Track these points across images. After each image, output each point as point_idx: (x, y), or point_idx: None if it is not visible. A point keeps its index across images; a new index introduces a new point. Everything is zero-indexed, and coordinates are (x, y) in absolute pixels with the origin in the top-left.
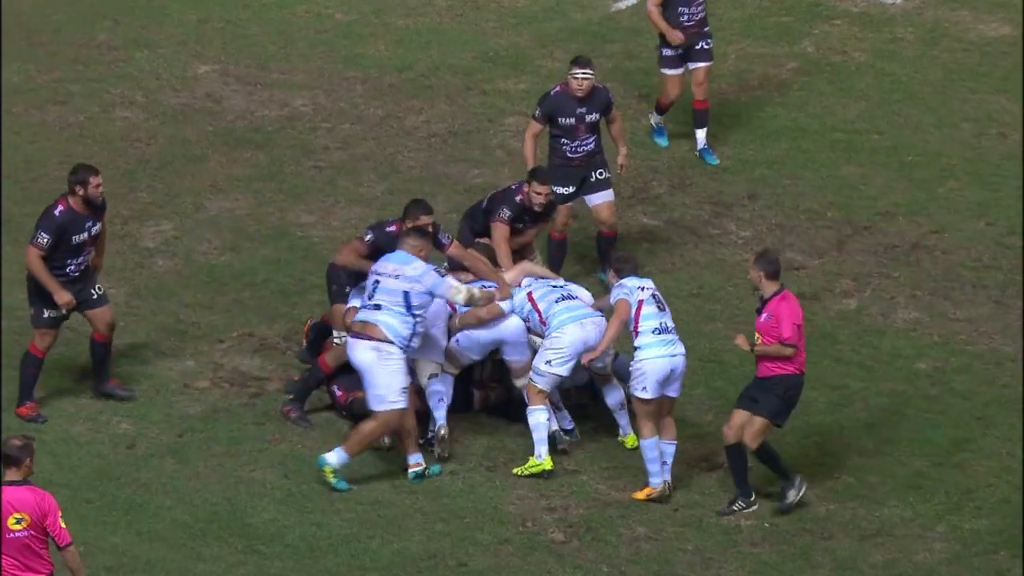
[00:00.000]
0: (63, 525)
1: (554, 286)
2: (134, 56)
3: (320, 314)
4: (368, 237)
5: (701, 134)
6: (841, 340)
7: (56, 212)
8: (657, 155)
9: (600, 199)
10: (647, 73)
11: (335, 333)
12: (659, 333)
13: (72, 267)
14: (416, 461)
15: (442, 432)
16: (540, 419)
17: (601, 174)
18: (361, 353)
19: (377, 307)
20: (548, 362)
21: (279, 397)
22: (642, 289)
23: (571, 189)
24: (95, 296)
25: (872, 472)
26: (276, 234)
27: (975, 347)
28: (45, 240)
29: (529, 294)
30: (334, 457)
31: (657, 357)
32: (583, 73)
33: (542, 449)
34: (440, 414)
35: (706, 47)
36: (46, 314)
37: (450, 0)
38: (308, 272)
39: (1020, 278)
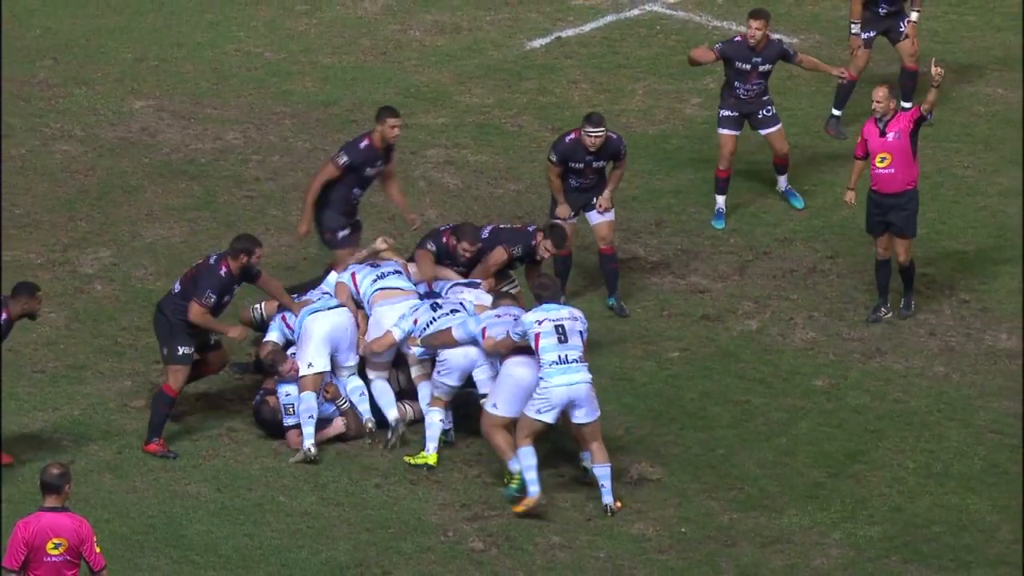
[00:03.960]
0: (98, 550)
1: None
2: (73, 92)
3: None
4: (343, 160)
5: (782, 179)
6: (743, 359)
7: (222, 273)
8: None
9: (600, 218)
10: (559, 107)
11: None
12: (559, 363)
13: None
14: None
15: (370, 426)
16: (434, 419)
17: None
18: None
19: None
20: (438, 372)
21: (213, 415)
22: (539, 323)
23: (573, 213)
24: (212, 342)
25: (772, 482)
26: None
27: (868, 365)
28: (213, 300)
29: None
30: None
31: (556, 386)
32: (596, 132)
33: (431, 445)
34: (364, 408)
35: (768, 113)
36: (181, 351)
37: (374, 39)
38: (239, 296)
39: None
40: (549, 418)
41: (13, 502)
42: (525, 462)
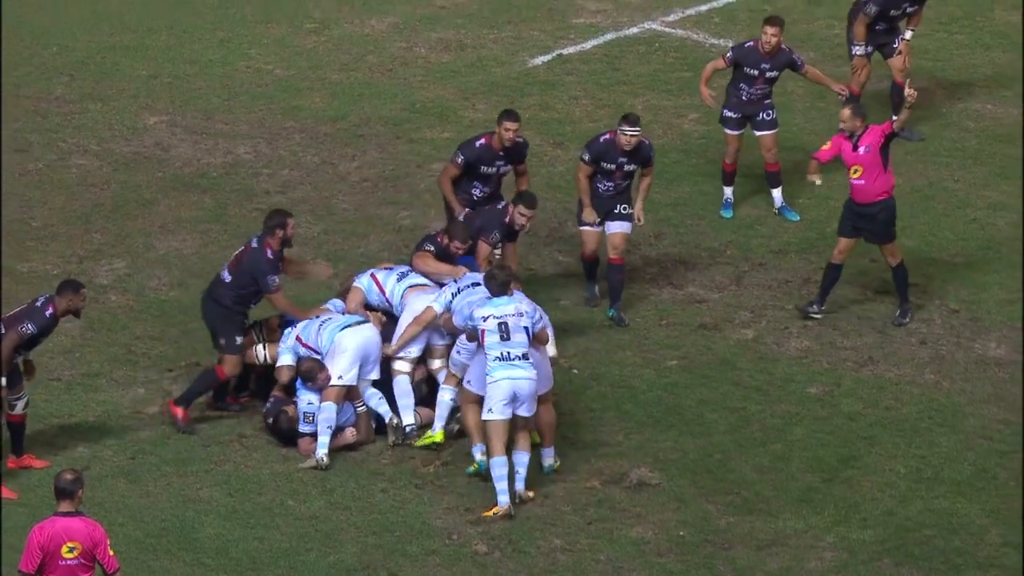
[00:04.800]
0: (112, 553)
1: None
2: (88, 108)
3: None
4: (459, 158)
5: (776, 193)
6: (739, 367)
7: (270, 255)
8: (571, 198)
9: (617, 228)
10: (561, 123)
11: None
12: (502, 360)
13: (253, 303)
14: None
15: (395, 421)
16: (445, 398)
17: (625, 208)
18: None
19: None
20: (458, 352)
21: (224, 422)
22: (485, 319)
23: (598, 219)
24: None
25: (768, 487)
26: None
27: (860, 373)
28: (278, 281)
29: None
30: (549, 458)
31: (501, 379)
32: (632, 131)
33: (439, 424)
34: (384, 409)
35: (767, 118)
36: (239, 341)
37: (380, 57)
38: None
39: (902, 307)
40: (500, 414)
41: (30, 506)
42: (496, 472)
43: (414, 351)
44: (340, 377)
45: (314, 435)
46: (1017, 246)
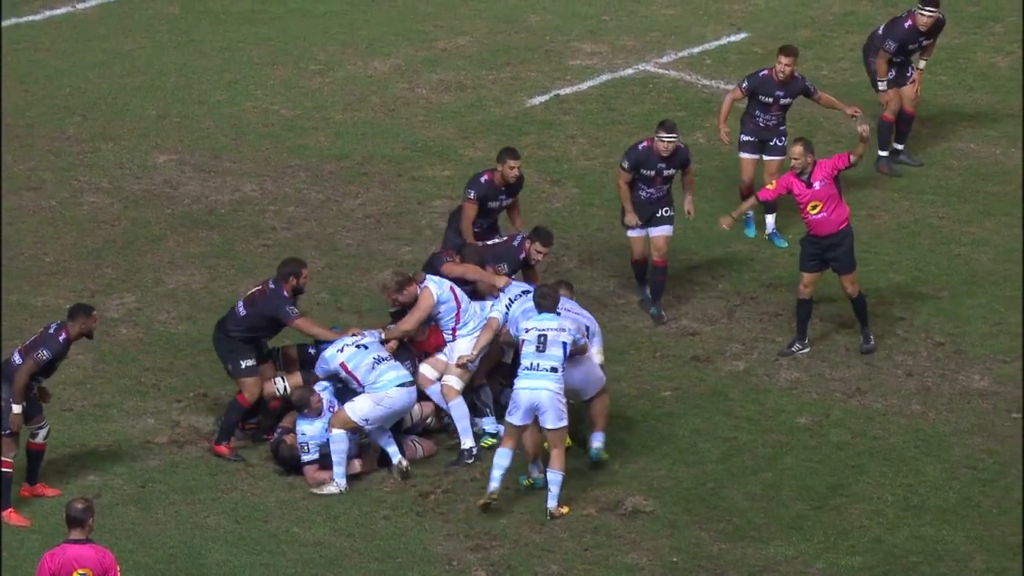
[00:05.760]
0: None
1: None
2: (100, 147)
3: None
4: (472, 195)
5: (770, 219)
6: (731, 397)
7: (285, 293)
8: (567, 233)
9: (659, 232)
10: (558, 160)
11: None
12: (529, 369)
13: (262, 338)
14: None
15: (404, 465)
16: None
17: (666, 211)
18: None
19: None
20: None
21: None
22: (527, 331)
23: (640, 222)
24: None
25: (759, 514)
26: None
27: (849, 404)
28: (295, 308)
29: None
30: (598, 441)
31: (521, 388)
32: (669, 137)
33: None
34: (393, 449)
35: (779, 144)
36: (244, 364)
37: (383, 97)
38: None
39: (895, 342)
40: (515, 419)
41: (42, 534)
42: (496, 460)
43: (475, 364)
44: (365, 420)
45: (314, 463)
46: (998, 280)
